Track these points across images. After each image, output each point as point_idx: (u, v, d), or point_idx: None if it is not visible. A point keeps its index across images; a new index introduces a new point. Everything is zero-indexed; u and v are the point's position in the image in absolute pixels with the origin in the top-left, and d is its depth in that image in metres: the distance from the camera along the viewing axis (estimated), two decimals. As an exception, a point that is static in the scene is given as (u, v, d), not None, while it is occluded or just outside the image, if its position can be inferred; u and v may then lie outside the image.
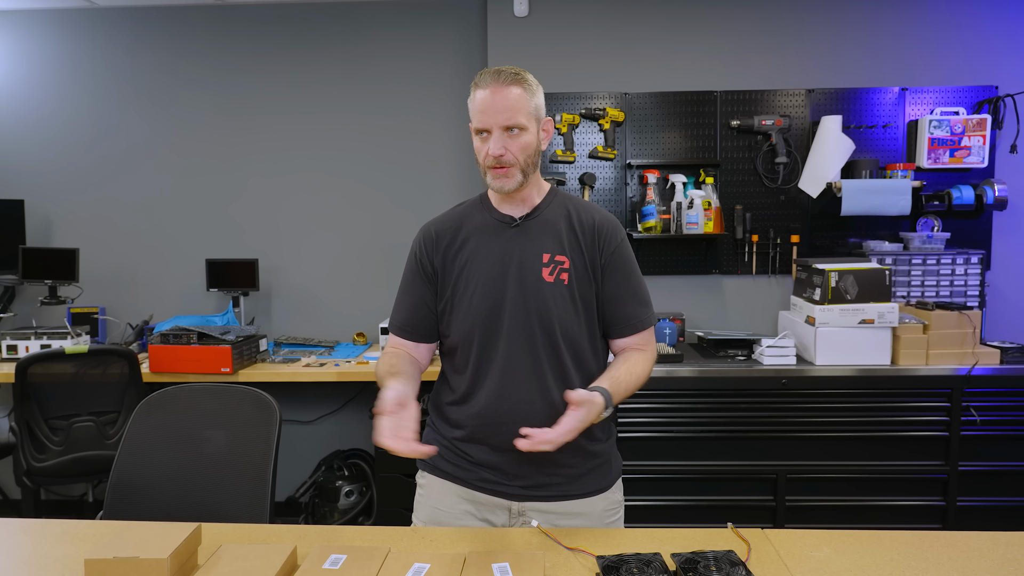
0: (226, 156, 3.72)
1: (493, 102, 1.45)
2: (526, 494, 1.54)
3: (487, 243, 1.55)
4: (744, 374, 2.92)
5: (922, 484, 2.93)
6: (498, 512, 1.55)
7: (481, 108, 1.46)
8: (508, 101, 1.45)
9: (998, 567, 1.29)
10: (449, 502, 1.54)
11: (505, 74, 1.46)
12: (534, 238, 1.55)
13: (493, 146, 1.46)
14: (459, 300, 1.55)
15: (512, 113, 1.45)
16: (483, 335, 1.53)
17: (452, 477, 1.58)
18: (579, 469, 1.55)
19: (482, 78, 1.48)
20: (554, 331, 1.51)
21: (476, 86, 1.48)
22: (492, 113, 1.45)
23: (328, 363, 3.23)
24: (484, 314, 1.52)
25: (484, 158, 1.49)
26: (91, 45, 3.69)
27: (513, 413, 1.49)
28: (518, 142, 1.47)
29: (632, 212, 3.47)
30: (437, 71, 3.65)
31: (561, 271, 1.52)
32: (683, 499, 2.96)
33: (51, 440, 2.82)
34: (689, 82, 3.44)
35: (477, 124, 1.48)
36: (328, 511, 3.36)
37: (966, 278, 3.20)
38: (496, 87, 1.45)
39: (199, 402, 1.82)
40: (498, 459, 1.53)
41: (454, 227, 1.59)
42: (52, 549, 1.41)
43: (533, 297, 1.51)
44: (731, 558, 1.24)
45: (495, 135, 1.46)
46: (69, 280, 3.47)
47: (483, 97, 1.46)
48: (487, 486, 1.55)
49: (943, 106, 3.35)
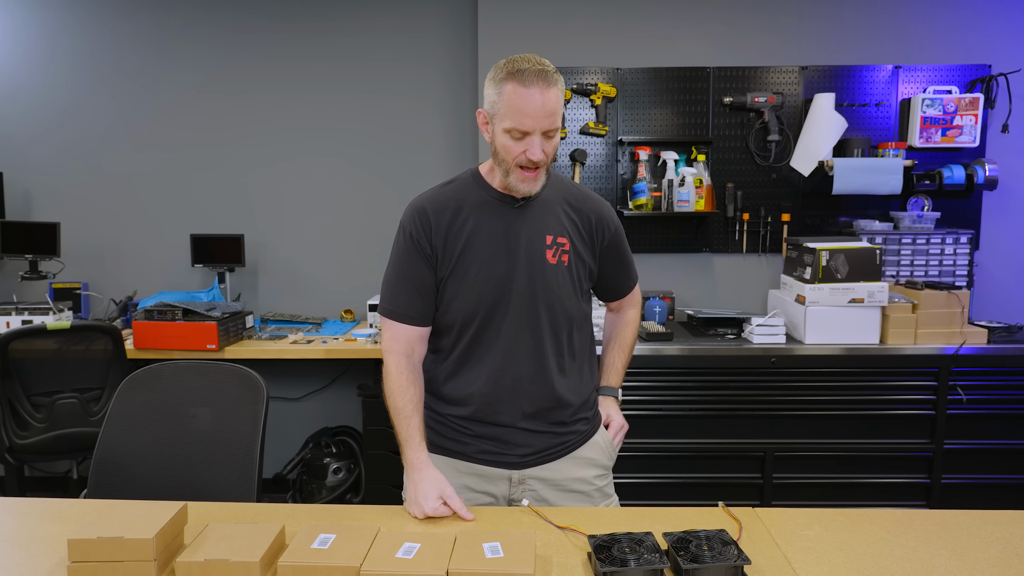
0: (212, 130, 3.64)
1: (542, 105, 1.36)
2: (527, 461, 1.55)
3: (489, 222, 1.51)
4: (734, 353, 2.92)
5: (908, 462, 2.96)
6: (499, 483, 1.56)
7: (526, 110, 1.36)
8: (553, 104, 1.38)
9: (987, 545, 1.30)
10: (448, 477, 1.53)
11: (549, 73, 1.37)
12: (536, 219, 1.53)
13: (535, 151, 1.39)
14: (461, 279, 1.51)
15: (556, 117, 1.40)
16: (486, 314, 1.51)
17: (451, 452, 1.57)
18: (570, 435, 1.60)
19: (525, 76, 1.36)
20: (556, 311, 1.54)
21: (518, 82, 1.36)
22: (539, 117, 1.37)
23: (316, 340, 3.20)
24: (490, 294, 1.50)
25: (517, 157, 1.41)
26: (72, 16, 3.58)
27: (515, 389, 1.53)
28: (552, 143, 1.43)
29: (623, 189, 3.44)
30: (427, 47, 3.58)
31: (562, 252, 1.54)
32: (672, 476, 2.97)
33: (33, 417, 2.78)
34: (682, 58, 3.40)
35: (518, 126, 1.38)
36: (316, 488, 3.35)
37: (955, 258, 3.21)
38: (544, 88, 1.36)
39: (184, 379, 1.79)
40: (500, 431, 1.55)
41: (451, 205, 1.53)
42: (35, 528, 1.38)
43: (539, 278, 1.51)
44: (723, 537, 1.23)
45: (537, 139, 1.39)
46: (50, 255, 3.41)
47: (529, 98, 1.36)
48: (488, 458, 1.55)
49: (936, 84, 3.33)
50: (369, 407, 3.18)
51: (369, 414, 3.18)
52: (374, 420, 3.18)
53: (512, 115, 1.38)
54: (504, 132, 1.41)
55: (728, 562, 1.16)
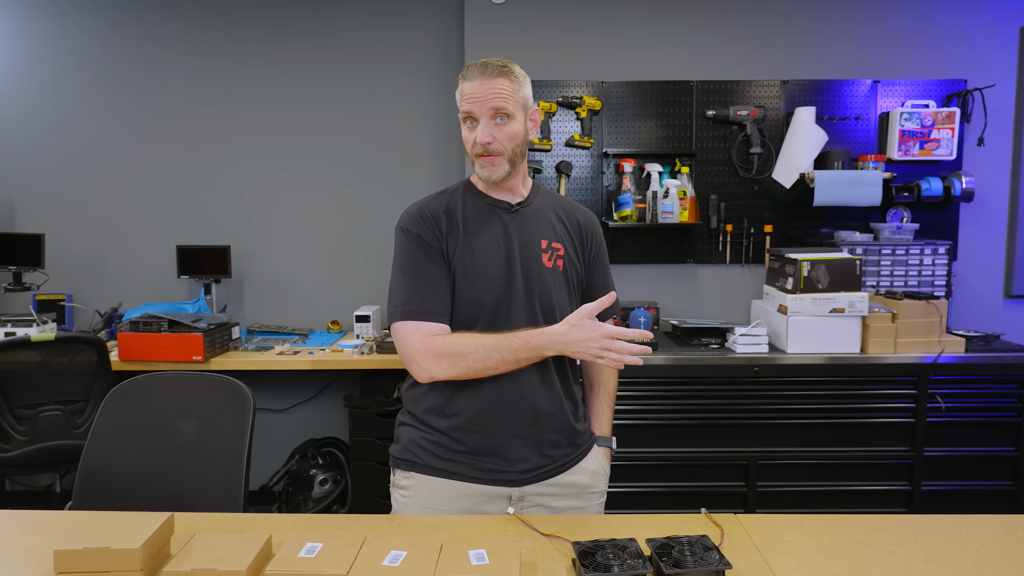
0: (197, 142, 3.65)
1: (481, 90, 1.46)
2: (526, 478, 1.53)
3: (484, 227, 1.54)
4: (717, 362, 2.95)
5: (889, 469, 3.00)
6: (498, 502, 1.52)
7: (468, 96, 1.47)
8: (496, 89, 1.46)
9: (962, 548, 1.33)
10: (444, 500, 1.51)
11: (492, 66, 1.47)
12: (530, 224, 1.57)
13: (481, 133, 1.47)
14: (460, 285, 1.51)
15: (500, 101, 1.46)
16: (487, 320, 1.51)
17: (447, 473, 1.52)
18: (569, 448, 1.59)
19: (469, 70, 1.48)
20: (554, 315, 1.54)
21: (463, 78, 1.49)
22: (479, 101, 1.47)
23: (302, 351, 3.20)
24: (491, 299, 1.51)
25: (472, 146, 1.50)
26: (57, 26, 3.58)
27: (516, 397, 1.50)
28: (505, 131, 1.48)
29: (608, 201, 3.47)
30: (414, 59, 3.62)
31: (557, 257, 1.57)
32: (657, 485, 2.99)
33: (16, 430, 2.75)
34: (666, 72, 3.45)
35: (464, 110, 1.48)
36: (302, 500, 3.34)
37: (933, 268, 3.27)
38: (484, 78, 1.46)
39: (170, 391, 1.79)
40: (499, 444, 1.51)
41: (445, 210, 1.55)
42: (19, 540, 1.38)
43: (536, 282, 1.53)
44: (704, 543, 1.25)
45: (483, 123, 1.48)
46: (35, 266, 3.39)
47: (471, 87, 1.47)
48: (487, 476, 1.51)
49: (914, 99, 3.40)
50: (355, 418, 3.18)
51: (355, 425, 3.18)
52: (360, 431, 3.18)
53: (460, 104, 1.50)
54: (462, 125, 1.51)
55: (709, 567, 1.18)
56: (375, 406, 3.18)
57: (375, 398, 3.21)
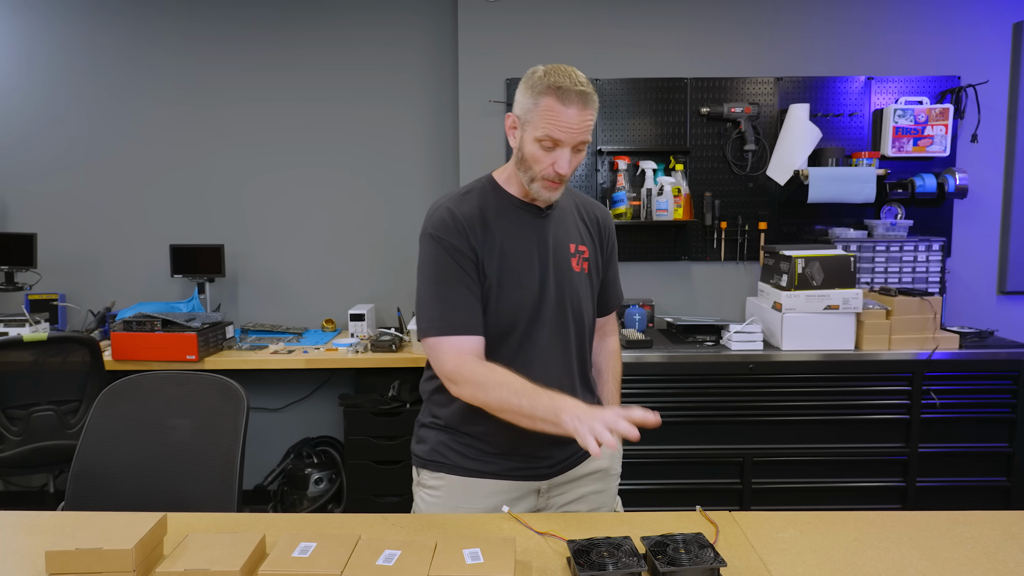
0: (190, 141, 3.63)
1: (577, 121, 1.39)
2: (554, 471, 1.56)
3: (517, 230, 1.50)
4: (712, 359, 2.95)
5: (883, 466, 3.01)
6: (528, 497, 1.55)
7: (563, 125, 1.39)
8: (588, 122, 1.41)
9: (956, 544, 1.33)
10: (477, 498, 1.51)
11: (589, 95, 1.40)
12: (560, 228, 1.55)
13: (564, 164, 1.41)
14: (497, 292, 1.46)
15: (588, 134, 1.43)
16: (525, 326, 1.49)
17: (479, 473, 1.52)
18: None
19: (566, 95, 1.38)
20: (582, 319, 1.57)
21: (556, 99, 1.38)
22: (573, 132, 1.40)
23: (296, 350, 3.19)
24: (529, 304, 1.49)
25: (544, 169, 1.43)
26: (49, 26, 3.56)
27: None
28: (579, 157, 1.46)
29: (603, 198, 3.47)
30: (406, 57, 3.61)
31: (583, 260, 1.58)
32: (652, 483, 2.99)
33: (9, 430, 2.74)
34: (660, 69, 3.45)
35: (551, 134, 1.39)
36: (297, 499, 3.33)
37: (927, 264, 3.28)
38: (582, 107, 1.39)
39: (164, 390, 1.78)
40: (529, 447, 1.50)
41: (477, 215, 1.48)
42: (11, 540, 1.37)
43: (568, 287, 1.53)
44: (699, 540, 1.25)
45: (567, 153, 1.42)
46: (27, 266, 3.37)
47: (567, 115, 1.38)
48: (518, 473, 1.53)
49: (908, 95, 3.40)
50: (350, 417, 3.18)
51: (350, 424, 3.18)
52: (355, 430, 3.18)
53: (546, 126, 1.39)
54: (535, 141, 1.42)
55: (704, 565, 1.18)
56: (370, 405, 3.18)
57: (370, 397, 3.20)
